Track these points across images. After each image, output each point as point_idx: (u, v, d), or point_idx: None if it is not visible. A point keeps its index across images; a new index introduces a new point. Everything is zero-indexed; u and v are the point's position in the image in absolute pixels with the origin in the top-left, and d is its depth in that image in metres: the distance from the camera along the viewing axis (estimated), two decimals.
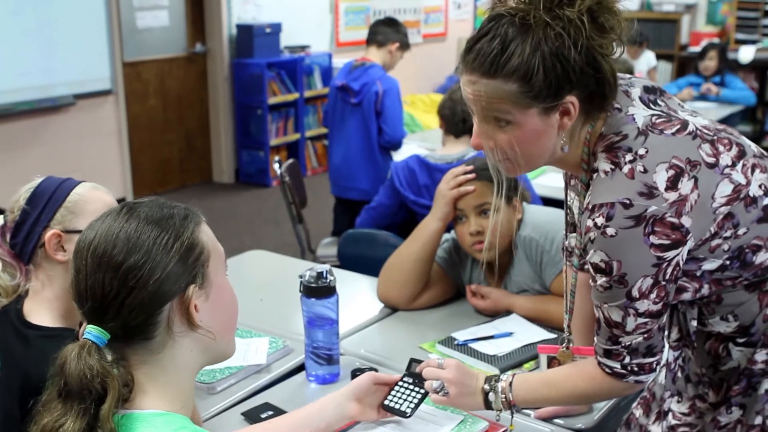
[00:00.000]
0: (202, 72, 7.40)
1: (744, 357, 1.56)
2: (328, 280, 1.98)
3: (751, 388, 1.57)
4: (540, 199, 3.15)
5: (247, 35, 7.23)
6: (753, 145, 1.54)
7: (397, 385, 1.77)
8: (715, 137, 1.48)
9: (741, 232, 1.45)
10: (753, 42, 9.01)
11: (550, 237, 2.30)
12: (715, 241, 1.45)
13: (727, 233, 1.45)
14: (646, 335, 1.48)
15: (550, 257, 2.29)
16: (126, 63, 6.64)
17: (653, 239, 1.39)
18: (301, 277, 1.99)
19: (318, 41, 8.07)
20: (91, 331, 1.17)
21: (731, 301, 1.53)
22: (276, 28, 7.42)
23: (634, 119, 1.48)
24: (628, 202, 1.40)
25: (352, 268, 2.87)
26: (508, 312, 2.34)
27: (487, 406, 1.68)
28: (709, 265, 1.47)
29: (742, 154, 1.48)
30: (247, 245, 5.08)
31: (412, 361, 1.82)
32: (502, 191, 2.14)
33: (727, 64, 7.07)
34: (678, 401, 1.71)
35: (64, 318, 1.67)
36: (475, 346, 2.15)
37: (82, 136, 6.32)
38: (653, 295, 1.44)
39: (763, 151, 1.56)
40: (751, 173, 1.47)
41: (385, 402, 1.75)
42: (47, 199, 1.67)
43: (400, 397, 1.75)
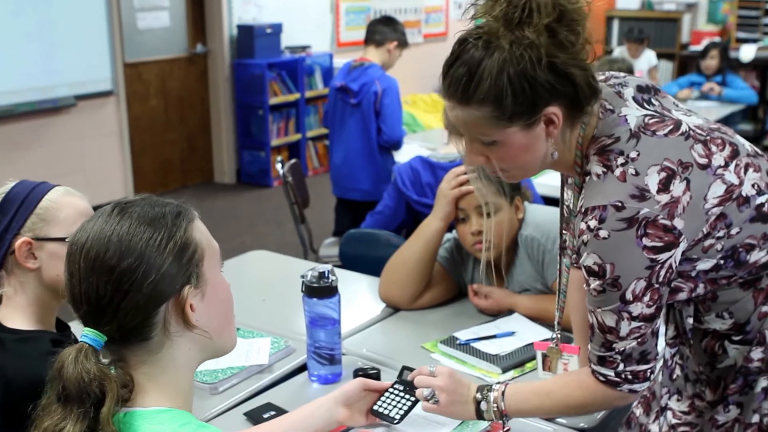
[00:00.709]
0: (203, 72, 7.40)
1: (740, 355, 1.56)
2: (329, 280, 1.98)
3: (747, 386, 1.57)
4: (541, 199, 3.14)
5: (247, 36, 7.23)
6: (747, 144, 1.54)
7: (387, 391, 1.78)
8: (708, 137, 1.48)
9: (734, 231, 1.45)
10: (754, 41, 9.01)
11: (552, 236, 2.30)
12: (708, 242, 1.45)
13: (720, 233, 1.45)
14: (639, 340, 1.48)
15: (551, 256, 2.29)
16: (127, 64, 6.64)
17: (646, 241, 1.39)
18: (302, 277, 1.99)
19: (319, 41, 8.07)
20: (87, 335, 1.16)
21: (726, 299, 1.53)
22: (277, 29, 7.42)
23: (627, 120, 1.48)
24: (620, 204, 1.40)
25: (353, 268, 2.87)
26: (510, 311, 2.34)
27: (479, 415, 1.67)
28: (704, 265, 1.47)
29: (736, 153, 1.48)
30: (248, 245, 5.08)
31: (404, 369, 1.82)
32: (506, 192, 2.14)
33: (728, 64, 7.07)
34: (678, 399, 1.71)
35: (39, 323, 1.66)
36: (477, 345, 2.15)
37: (83, 137, 6.32)
38: (647, 298, 1.44)
39: (757, 149, 1.56)
40: (744, 173, 1.47)
41: (374, 407, 1.76)
42: (18, 205, 1.63)
43: (389, 403, 1.76)
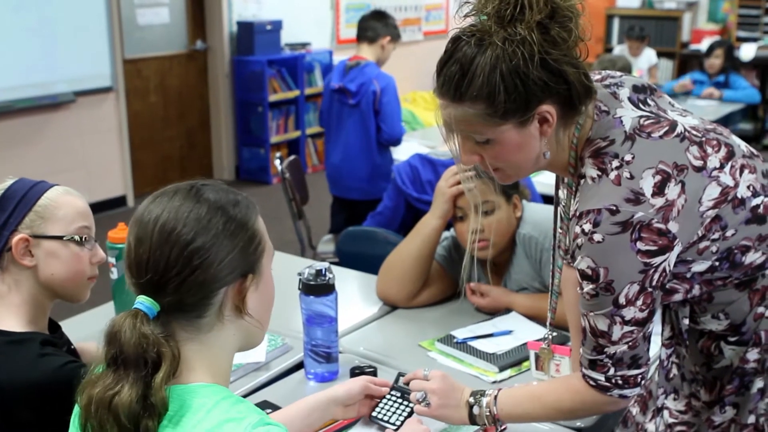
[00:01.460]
0: (203, 69, 7.40)
1: (736, 356, 1.56)
2: (326, 278, 1.98)
3: (743, 387, 1.57)
4: (541, 197, 3.14)
5: (247, 32, 7.23)
6: (742, 145, 1.54)
7: (385, 397, 1.80)
8: (703, 138, 1.47)
9: (729, 233, 1.45)
10: (754, 39, 9.01)
11: (550, 235, 2.28)
12: (702, 244, 1.44)
13: (715, 235, 1.44)
14: (631, 344, 1.47)
15: (549, 255, 2.28)
16: (126, 60, 6.64)
17: (640, 245, 1.39)
18: (300, 274, 1.99)
19: (319, 38, 8.07)
20: (143, 302, 1.18)
21: (722, 300, 1.53)
22: (277, 26, 7.41)
23: (622, 122, 1.47)
24: (614, 208, 1.39)
25: (351, 266, 2.87)
26: (508, 310, 2.34)
27: (472, 420, 1.68)
28: (699, 266, 1.47)
29: (731, 155, 1.48)
30: None
31: (400, 376, 1.83)
32: (504, 190, 2.13)
33: (732, 63, 7.06)
34: (674, 398, 1.71)
35: (31, 323, 1.65)
36: (474, 344, 2.15)
37: (83, 134, 6.32)
38: (640, 302, 1.43)
39: (752, 150, 1.55)
40: (740, 174, 1.46)
41: (374, 413, 1.78)
42: (17, 202, 1.63)
43: (388, 410, 1.78)
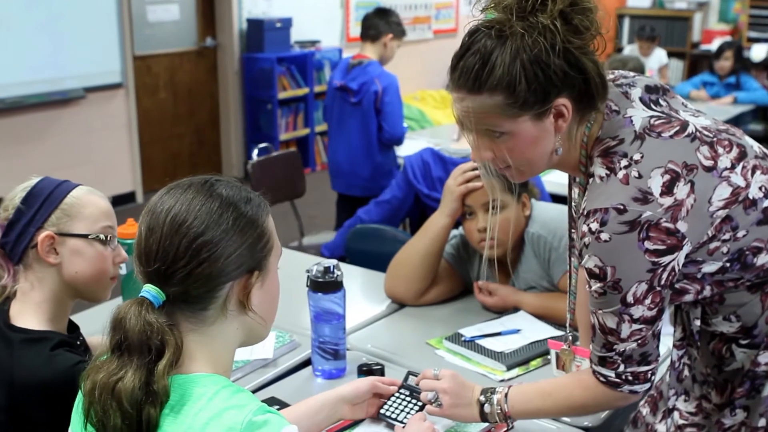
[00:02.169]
0: (213, 66, 7.41)
1: (747, 359, 1.55)
2: (335, 275, 1.98)
3: (754, 390, 1.56)
4: (549, 196, 3.13)
5: (257, 30, 7.24)
6: (756, 146, 1.53)
7: (393, 396, 1.80)
8: (714, 139, 1.47)
9: (740, 234, 1.44)
10: (765, 40, 8.96)
11: (559, 234, 2.29)
12: (713, 244, 1.44)
13: (726, 236, 1.43)
14: (640, 342, 1.47)
15: (558, 254, 2.28)
16: (136, 57, 6.65)
17: (648, 245, 1.38)
18: (308, 271, 1.99)
19: (328, 36, 8.07)
20: (149, 291, 1.19)
21: (733, 302, 1.52)
22: (286, 23, 7.42)
23: (632, 122, 1.47)
24: (622, 207, 1.39)
25: (359, 264, 2.87)
26: (516, 309, 2.34)
27: (483, 418, 1.68)
28: (709, 267, 1.46)
29: (743, 155, 1.47)
30: None
31: (409, 374, 1.83)
32: (513, 189, 2.14)
33: (742, 64, 7.03)
34: (685, 400, 1.70)
35: (51, 321, 1.65)
36: (482, 342, 2.15)
37: (93, 130, 6.33)
38: (648, 301, 1.43)
39: (765, 151, 1.54)
40: (751, 175, 1.45)
41: (382, 411, 1.78)
42: (43, 199, 1.64)
43: (396, 407, 1.78)
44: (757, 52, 8.51)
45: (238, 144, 7.61)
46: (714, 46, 7.71)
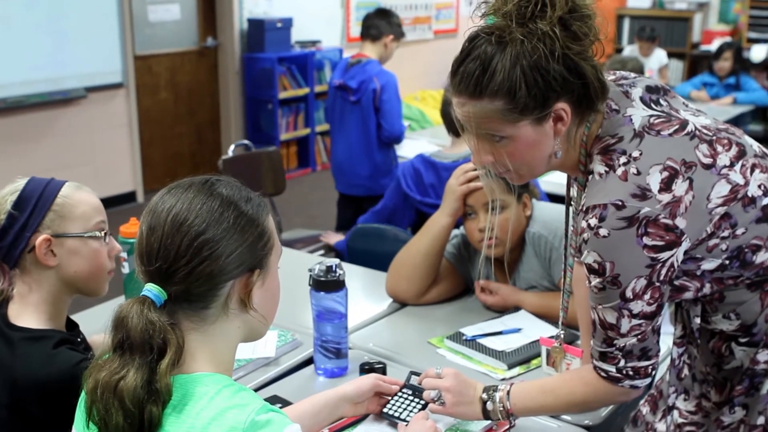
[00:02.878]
0: (213, 66, 7.42)
1: (747, 357, 1.56)
2: (337, 274, 1.98)
3: (753, 388, 1.57)
4: (547, 196, 3.14)
5: (258, 30, 7.24)
6: (755, 145, 1.54)
7: (396, 395, 1.81)
8: (714, 137, 1.48)
9: (739, 232, 1.45)
10: (765, 41, 8.97)
11: (559, 234, 2.29)
12: (712, 241, 1.45)
13: (725, 233, 1.45)
14: (640, 337, 1.48)
15: (558, 254, 2.29)
16: (137, 56, 6.66)
17: (646, 240, 1.39)
18: (310, 270, 2.00)
19: (329, 36, 8.08)
20: (151, 290, 1.20)
21: (733, 300, 1.53)
22: (287, 23, 7.42)
23: (632, 120, 1.48)
24: (620, 203, 1.40)
25: (361, 263, 2.88)
26: (517, 308, 2.35)
27: (486, 415, 1.69)
28: (708, 264, 1.48)
29: (742, 153, 1.48)
30: None
31: (412, 374, 1.84)
32: (514, 189, 2.15)
33: (742, 65, 7.04)
34: (685, 399, 1.71)
35: (50, 321, 1.66)
36: (483, 341, 2.16)
37: (93, 129, 6.34)
38: (647, 296, 1.44)
39: (765, 150, 1.55)
40: (750, 173, 1.46)
41: (385, 410, 1.79)
42: (35, 202, 1.63)
43: (399, 406, 1.79)
44: (757, 53, 8.51)
45: None
46: (714, 46, 7.72)
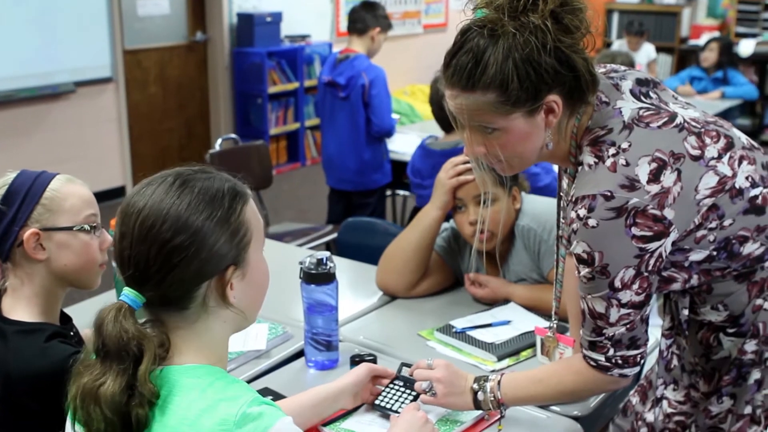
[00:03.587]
0: (203, 60, 7.40)
1: (734, 347, 1.57)
2: (327, 267, 1.99)
3: (740, 378, 1.59)
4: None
5: (247, 24, 7.23)
6: (743, 137, 1.55)
7: (388, 387, 1.82)
8: (702, 129, 1.49)
9: (727, 223, 1.47)
10: (753, 35, 9.01)
11: (548, 227, 2.31)
12: (700, 232, 1.46)
13: (712, 224, 1.46)
14: (629, 326, 1.50)
15: (547, 247, 2.31)
16: (126, 51, 6.63)
17: (635, 230, 1.41)
18: (301, 263, 2.01)
19: (318, 31, 8.07)
20: (128, 295, 1.20)
21: (721, 291, 1.55)
22: (276, 17, 7.41)
23: (621, 112, 1.50)
24: (609, 194, 1.42)
25: (351, 256, 2.89)
26: (506, 300, 2.36)
27: (477, 405, 1.70)
28: (696, 255, 1.49)
29: (730, 146, 1.50)
30: None
31: (402, 365, 1.85)
32: (504, 182, 2.15)
33: (729, 59, 7.07)
34: (674, 389, 1.73)
35: (43, 314, 1.66)
36: (473, 333, 2.17)
37: (83, 124, 6.32)
38: (636, 286, 1.46)
39: (753, 142, 1.57)
40: (738, 165, 1.48)
41: (377, 401, 1.80)
42: (23, 196, 1.62)
43: (391, 398, 1.80)
44: (745, 48, 8.55)
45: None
46: (702, 41, 7.76)
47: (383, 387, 1.83)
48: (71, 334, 1.73)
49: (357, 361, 1.96)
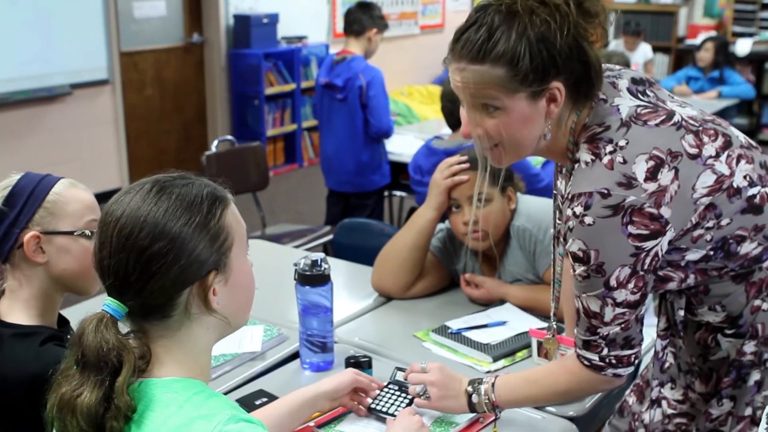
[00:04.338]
0: (199, 62, 7.39)
1: (733, 348, 1.57)
2: (322, 268, 1.99)
3: (740, 379, 1.58)
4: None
5: (244, 25, 7.23)
6: (741, 136, 1.55)
7: (383, 390, 1.82)
8: (700, 128, 1.49)
9: (724, 222, 1.46)
10: (750, 35, 9.02)
11: (544, 227, 2.31)
12: (697, 232, 1.46)
13: (710, 224, 1.45)
14: (623, 326, 1.49)
15: (543, 247, 2.30)
16: (123, 53, 6.63)
17: (631, 229, 1.40)
18: (295, 265, 2.00)
19: (315, 32, 8.07)
20: (109, 305, 1.18)
21: (718, 292, 1.54)
22: (273, 19, 7.41)
23: (619, 110, 1.49)
24: (606, 191, 1.41)
25: (346, 258, 2.89)
26: (502, 301, 2.36)
27: (471, 408, 1.70)
28: (693, 255, 1.48)
29: (728, 144, 1.49)
30: None
31: (397, 370, 1.85)
32: (498, 182, 2.15)
33: (726, 58, 7.07)
34: (672, 388, 1.72)
35: (40, 317, 1.65)
36: (468, 334, 2.17)
37: (79, 126, 6.31)
38: (631, 285, 1.45)
39: (751, 141, 1.56)
40: (736, 164, 1.47)
41: (372, 405, 1.79)
42: (26, 199, 1.62)
43: (387, 401, 1.79)
44: (742, 47, 8.56)
45: None
46: (699, 40, 7.76)
47: (379, 391, 1.82)
48: (67, 337, 1.72)
49: (352, 362, 1.95)
